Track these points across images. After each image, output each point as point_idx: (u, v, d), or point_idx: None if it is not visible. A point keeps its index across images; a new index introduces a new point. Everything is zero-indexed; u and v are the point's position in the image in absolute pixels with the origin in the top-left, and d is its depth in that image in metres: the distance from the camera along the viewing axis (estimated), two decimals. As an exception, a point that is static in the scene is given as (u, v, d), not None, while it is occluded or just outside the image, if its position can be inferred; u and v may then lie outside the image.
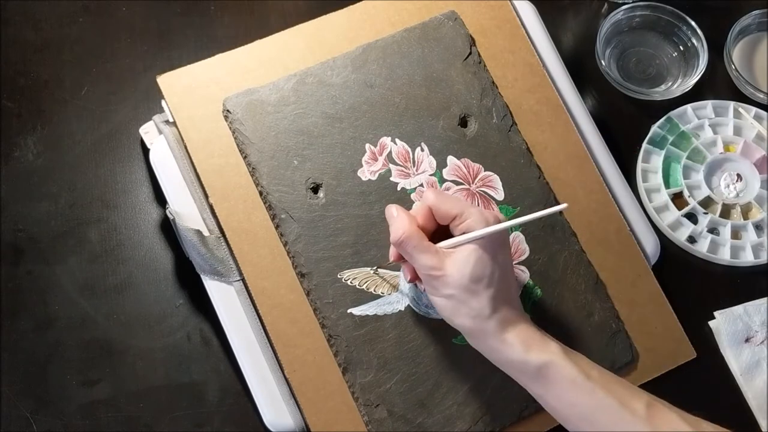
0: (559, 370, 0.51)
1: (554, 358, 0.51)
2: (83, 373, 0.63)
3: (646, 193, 0.72)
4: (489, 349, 0.54)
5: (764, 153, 0.73)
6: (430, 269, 0.52)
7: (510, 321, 0.53)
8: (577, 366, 0.51)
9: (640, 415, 0.49)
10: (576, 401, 0.51)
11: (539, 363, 0.51)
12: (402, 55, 0.67)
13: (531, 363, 0.52)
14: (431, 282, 0.53)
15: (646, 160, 0.73)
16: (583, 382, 0.51)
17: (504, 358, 0.53)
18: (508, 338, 0.52)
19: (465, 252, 0.52)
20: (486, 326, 0.52)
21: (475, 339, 0.54)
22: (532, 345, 0.52)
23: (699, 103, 0.75)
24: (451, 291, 0.52)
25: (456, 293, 0.52)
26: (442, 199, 0.54)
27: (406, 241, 0.53)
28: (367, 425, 0.58)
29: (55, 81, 0.72)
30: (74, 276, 0.66)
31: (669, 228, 0.70)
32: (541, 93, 0.68)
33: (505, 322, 0.52)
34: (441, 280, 0.52)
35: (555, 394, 0.52)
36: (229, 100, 0.63)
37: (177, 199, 0.63)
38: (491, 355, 0.54)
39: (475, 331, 0.53)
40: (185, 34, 0.75)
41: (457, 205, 0.53)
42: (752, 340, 0.67)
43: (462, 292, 0.52)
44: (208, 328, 0.65)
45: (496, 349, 0.53)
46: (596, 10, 0.80)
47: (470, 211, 0.53)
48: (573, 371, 0.51)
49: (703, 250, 0.70)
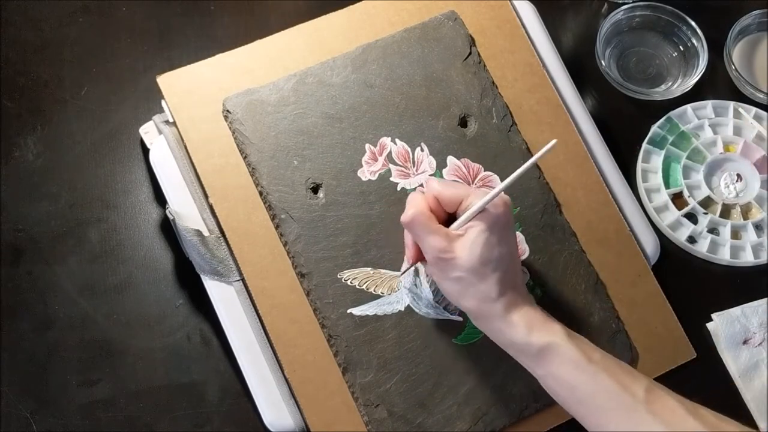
0: (560, 352, 0.52)
1: (556, 339, 0.52)
2: (83, 373, 0.63)
3: (646, 193, 0.72)
4: (493, 330, 0.54)
5: (764, 153, 0.73)
6: (440, 251, 0.52)
7: (515, 303, 0.53)
8: (578, 348, 0.52)
9: (639, 398, 0.50)
10: (576, 383, 0.51)
11: (541, 344, 0.52)
12: (402, 55, 0.67)
13: (533, 344, 0.52)
14: (440, 264, 0.53)
15: (646, 160, 0.73)
16: (584, 365, 0.51)
17: (507, 338, 0.53)
18: (513, 319, 0.53)
19: (473, 234, 0.52)
20: (492, 308, 0.53)
21: (480, 320, 0.55)
22: (536, 326, 0.52)
23: (699, 103, 0.75)
24: (460, 273, 0.52)
25: (464, 275, 0.52)
26: (446, 185, 0.55)
27: (416, 220, 0.53)
28: (367, 425, 0.58)
29: (55, 81, 0.72)
30: (74, 276, 0.66)
31: (669, 228, 0.70)
32: (541, 93, 0.68)
33: (511, 305, 0.53)
34: (450, 262, 0.52)
35: (555, 376, 0.52)
36: (229, 100, 0.63)
37: (177, 199, 0.63)
38: (495, 336, 0.54)
39: (482, 312, 0.53)
40: (185, 34, 0.75)
41: (461, 189, 0.55)
42: (750, 341, 0.67)
43: (471, 274, 0.52)
44: (208, 328, 0.65)
45: (500, 330, 0.53)
46: (596, 10, 0.80)
47: (475, 193, 0.54)
48: (575, 353, 0.51)
49: (703, 250, 0.70)
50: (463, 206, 0.54)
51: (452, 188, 0.55)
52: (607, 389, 0.50)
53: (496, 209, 0.53)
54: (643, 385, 0.51)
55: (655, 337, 0.64)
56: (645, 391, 0.50)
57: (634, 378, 0.51)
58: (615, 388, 0.50)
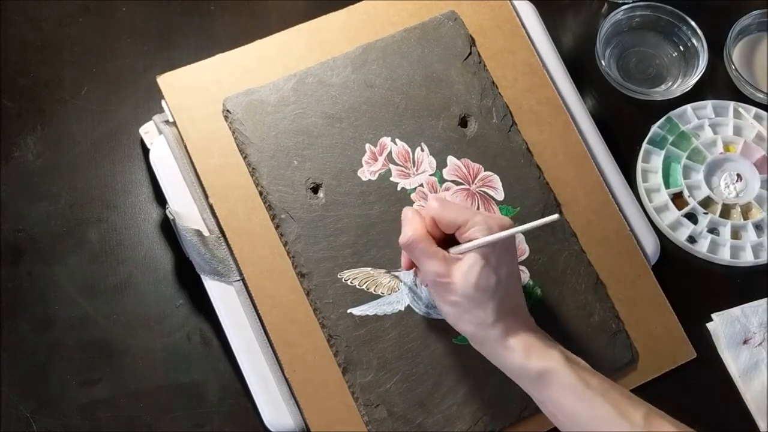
0: (558, 377, 0.51)
1: (554, 364, 0.51)
2: (83, 373, 0.63)
3: (646, 193, 0.71)
4: (490, 354, 0.54)
5: (764, 153, 0.73)
6: (436, 276, 0.52)
7: (513, 329, 0.53)
8: (576, 374, 0.51)
9: (637, 425, 0.49)
10: (574, 409, 0.51)
11: (539, 369, 0.51)
12: (402, 55, 0.67)
13: (531, 369, 0.52)
14: (437, 288, 0.53)
15: (646, 160, 0.73)
16: (581, 390, 0.51)
17: (505, 362, 0.53)
18: (510, 344, 0.52)
19: (470, 261, 0.51)
20: (489, 333, 0.52)
21: (478, 344, 0.54)
22: (533, 351, 0.52)
23: (699, 103, 0.75)
24: (456, 298, 0.52)
25: (461, 300, 0.52)
26: (445, 207, 0.54)
27: (414, 244, 0.53)
28: (367, 425, 0.58)
29: (55, 81, 0.72)
30: (74, 276, 0.66)
31: (669, 228, 0.70)
32: (541, 93, 0.68)
33: (508, 330, 0.52)
34: (447, 287, 0.52)
35: (554, 401, 0.52)
36: (229, 100, 0.63)
37: (177, 199, 0.63)
38: (493, 359, 0.54)
39: (479, 337, 0.53)
40: (185, 34, 0.75)
41: (461, 214, 0.53)
42: (750, 341, 0.66)
43: (466, 300, 0.52)
44: (208, 328, 0.65)
45: (498, 354, 0.53)
46: (596, 10, 0.80)
47: (475, 219, 0.52)
48: (572, 379, 0.51)
49: (703, 250, 0.70)
50: (462, 231, 0.53)
51: (452, 212, 0.53)
52: (604, 416, 0.50)
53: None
54: (642, 412, 0.50)
55: (655, 337, 0.64)
56: (643, 418, 0.50)
57: (632, 404, 0.51)
58: (613, 415, 0.50)
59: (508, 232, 0.52)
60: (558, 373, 0.51)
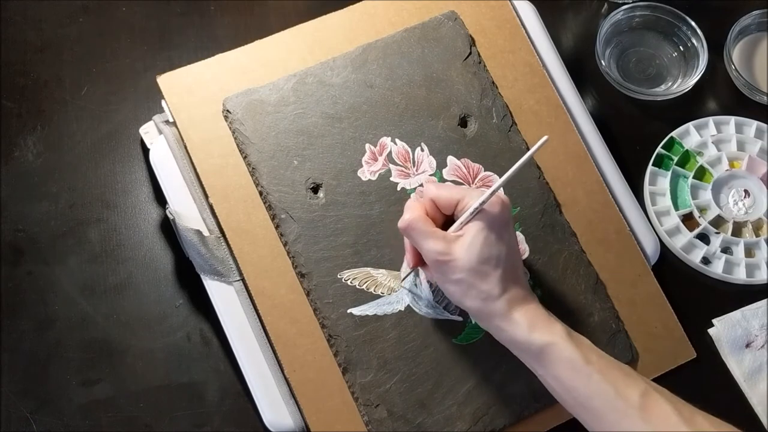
0: (559, 352, 0.52)
1: (556, 339, 0.52)
2: (83, 373, 0.63)
3: (656, 216, 0.70)
4: (495, 329, 0.54)
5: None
6: (438, 254, 0.52)
7: (518, 300, 0.53)
8: (577, 349, 0.52)
9: (633, 404, 0.49)
10: (573, 385, 0.51)
11: (541, 343, 0.52)
12: (402, 55, 0.67)
13: (534, 343, 0.52)
14: (440, 268, 0.53)
15: (653, 183, 0.72)
16: (580, 366, 0.51)
17: (509, 337, 0.53)
18: (515, 317, 0.53)
19: (471, 234, 0.52)
20: (494, 307, 0.53)
21: (483, 319, 0.55)
22: (537, 325, 0.53)
23: (700, 120, 0.74)
24: (460, 275, 0.52)
25: (465, 276, 0.52)
26: (441, 187, 0.55)
27: (413, 224, 0.53)
28: (367, 425, 0.58)
29: (55, 81, 0.72)
30: (74, 276, 0.66)
31: (682, 251, 0.69)
32: (541, 93, 0.68)
33: (513, 302, 0.53)
34: (449, 264, 0.52)
35: (554, 376, 0.52)
36: (229, 100, 0.63)
37: (177, 199, 0.63)
38: (497, 334, 0.54)
39: (484, 312, 0.53)
40: (185, 34, 0.75)
41: (457, 190, 0.55)
42: (753, 344, 0.66)
43: (471, 275, 0.52)
44: (208, 328, 0.65)
45: (502, 328, 0.53)
46: (596, 10, 0.80)
47: (471, 194, 0.54)
48: (573, 354, 0.51)
49: (719, 271, 0.68)
50: (460, 207, 0.54)
51: (448, 190, 0.55)
52: (601, 392, 0.50)
53: (493, 208, 0.53)
54: (640, 389, 0.50)
55: (655, 337, 0.64)
56: (640, 396, 0.50)
57: (631, 381, 0.51)
58: (610, 392, 0.50)
59: (498, 182, 0.53)
60: (559, 347, 0.52)
